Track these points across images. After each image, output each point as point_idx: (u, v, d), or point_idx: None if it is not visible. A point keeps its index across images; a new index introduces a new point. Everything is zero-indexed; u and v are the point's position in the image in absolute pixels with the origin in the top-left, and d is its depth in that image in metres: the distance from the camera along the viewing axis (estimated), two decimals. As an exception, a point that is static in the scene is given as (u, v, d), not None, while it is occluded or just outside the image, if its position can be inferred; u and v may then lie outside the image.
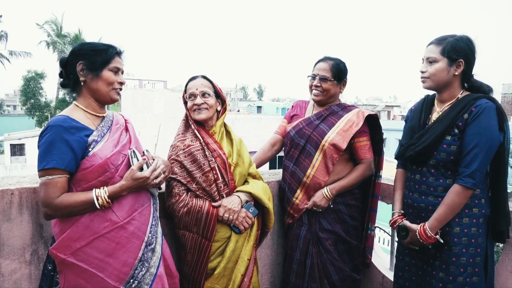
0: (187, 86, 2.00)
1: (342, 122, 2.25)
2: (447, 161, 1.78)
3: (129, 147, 1.66)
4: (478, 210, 1.76)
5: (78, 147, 1.50)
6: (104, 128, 1.64)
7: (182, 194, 1.89)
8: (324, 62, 2.30)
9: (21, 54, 25.04)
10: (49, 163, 1.46)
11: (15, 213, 1.76)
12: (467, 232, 1.75)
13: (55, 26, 26.19)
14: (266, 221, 2.14)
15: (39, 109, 26.42)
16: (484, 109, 1.70)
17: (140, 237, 1.60)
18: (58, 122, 1.50)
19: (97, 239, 1.52)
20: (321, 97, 2.31)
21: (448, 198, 1.74)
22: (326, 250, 2.24)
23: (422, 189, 1.87)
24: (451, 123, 1.77)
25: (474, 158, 1.69)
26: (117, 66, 1.64)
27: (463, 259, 1.73)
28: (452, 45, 1.76)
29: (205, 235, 1.89)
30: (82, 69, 1.60)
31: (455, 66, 1.78)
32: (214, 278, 1.93)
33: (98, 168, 1.52)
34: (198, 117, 1.96)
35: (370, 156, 2.29)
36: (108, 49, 1.63)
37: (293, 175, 2.31)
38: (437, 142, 1.79)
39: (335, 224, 2.26)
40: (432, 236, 1.76)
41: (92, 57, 1.59)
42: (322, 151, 2.21)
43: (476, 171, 1.69)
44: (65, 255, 1.51)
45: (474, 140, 1.70)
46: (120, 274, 1.54)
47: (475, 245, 1.74)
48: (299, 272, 2.28)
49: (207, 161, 1.92)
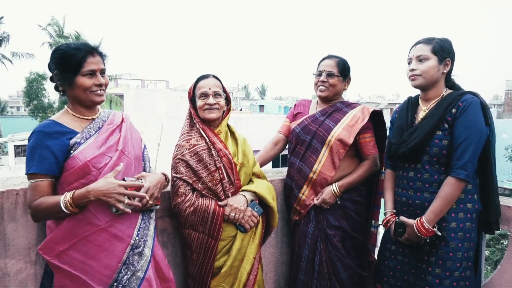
0: (198, 84, 1.99)
1: (348, 118, 2.27)
2: (440, 155, 1.83)
3: (116, 148, 1.62)
4: (471, 205, 1.83)
5: (59, 150, 1.51)
6: (91, 129, 1.62)
7: (188, 193, 1.89)
8: (330, 59, 2.34)
9: (24, 56, 25.12)
10: (30, 169, 1.49)
11: (20, 213, 1.76)
12: (462, 227, 1.80)
13: (57, 27, 26.25)
14: (270, 220, 2.14)
15: (42, 110, 26.50)
16: (470, 103, 1.78)
17: (125, 240, 1.57)
18: (40, 127, 1.53)
19: (79, 242, 1.51)
20: (327, 93, 2.32)
21: (443, 190, 1.78)
22: (334, 247, 2.25)
23: (417, 186, 1.90)
24: (441, 118, 1.83)
25: (465, 150, 1.75)
26: (91, 69, 1.56)
27: (459, 254, 1.78)
28: (440, 45, 1.86)
29: (211, 234, 1.89)
30: (58, 79, 1.59)
31: (443, 64, 1.87)
32: (220, 277, 1.93)
33: (77, 170, 1.51)
34: (209, 116, 1.95)
35: (375, 152, 2.31)
36: (76, 53, 1.54)
37: (300, 171, 2.31)
38: (428, 137, 1.84)
39: (342, 221, 2.27)
40: (430, 229, 1.78)
41: (62, 65, 1.55)
42: (328, 147, 2.22)
43: (467, 162, 1.74)
44: (50, 257, 1.52)
45: (463, 133, 1.76)
46: (102, 277, 1.53)
47: (469, 240, 1.80)
48: (308, 270, 2.27)
49: (213, 160, 1.91)
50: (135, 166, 1.71)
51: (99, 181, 1.48)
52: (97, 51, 1.62)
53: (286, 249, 2.59)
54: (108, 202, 1.46)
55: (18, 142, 21.24)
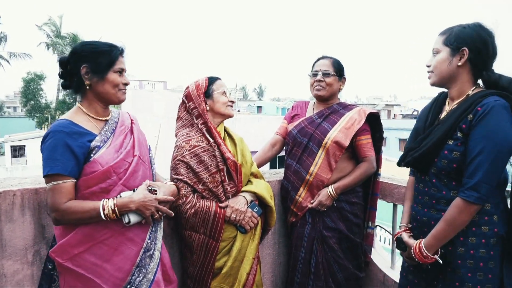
0: (218, 83, 2.01)
1: (344, 120, 2.27)
2: (449, 169, 1.52)
3: (133, 153, 1.63)
4: (488, 228, 1.48)
5: (80, 153, 1.48)
6: (107, 132, 1.61)
7: (189, 195, 1.88)
8: (325, 59, 2.36)
9: (21, 56, 25.09)
10: (52, 169, 1.43)
11: (17, 214, 1.76)
12: (473, 253, 1.48)
13: (54, 27, 26.20)
14: (268, 219, 2.15)
15: (39, 111, 26.45)
16: (492, 108, 1.41)
17: (139, 243, 1.58)
18: (60, 127, 1.48)
19: (95, 245, 1.51)
20: (324, 92, 2.33)
21: (448, 213, 1.49)
22: (331, 248, 2.25)
23: (424, 201, 1.64)
24: (453, 126, 1.51)
25: (479, 167, 1.41)
26: (121, 67, 1.61)
27: (469, 285, 1.47)
28: (456, 33, 1.53)
29: (212, 236, 1.90)
30: (86, 72, 1.55)
31: (458, 55, 1.52)
32: (221, 277, 1.94)
33: (100, 175, 1.50)
34: (230, 113, 2.01)
35: (372, 154, 2.31)
36: (112, 50, 1.58)
37: (296, 173, 2.32)
38: (437, 147, 1.54)
39: (339, 222, 2.27)
40: (428, 256, 1.53)
41: (96, 59, 1.55)
42: (324, 149, 2.23)
43: (480, 182, 1.41)
44: (63, 260, 1.50)
45: (479, 145, 1.42)
46: (116, 280, 1.52)
47: (484, 270, 1.47)
48: (305, 271, 2.29)
49: (214, 162, 1.91)
50: (148, 169, 1.73)
51: (139, 192, 1.54)
52: (124, 53, 1.66)
53: (283, 250, 2.59)
54: (143, 213, 1.54)
55: (15, 143, 21.16)
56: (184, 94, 2.02)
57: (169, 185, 1.76)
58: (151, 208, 1.55)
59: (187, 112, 2.00)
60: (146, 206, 1.53)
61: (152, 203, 1.55)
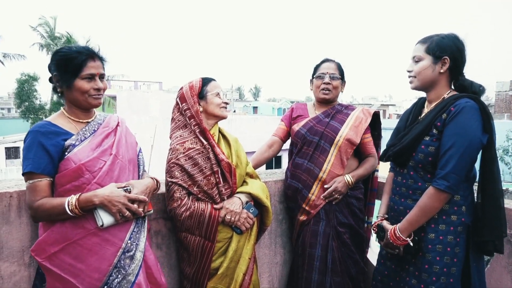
0: (212, 84, 2.01)
1: (352, 119, 2.36)
2: (425, 162, 1.72)
3: (110, 152, 1.62)
4: (457, 217, 1.68)
5: (54, 151, 1.52)
6: (87, 132, 1.63)
7: (184, 198, 1.88)
8: (330, 63, 2.43)
9: (15, 57, 24.85)
10: (26, 167, 1.49)
11: (14, 215, 1.76)
12: (442, 239, 1.67)
13: (48, 28, 26.02)
14: (264, 219, 2.16)
15: (33, 112, 26.24)
16: (462, 108, 1.62)
17: (116, 243, 1.57)
18: (37, 127, 1.54)
19: (69, 245, 1.51)
20: (331, 95, 2.39)
21: (421, 200, 1.69)
22: (344, 243, 2.30)
23: (402, 192, 1.83)
24: (430, 123, 1.71)
25: (449, 159, 1.61)
26: (91, 73, 1.58)
27: (436, 268, 1.66)
28: (437, 43, 1.72)
29: (208, 237, 1.90)
30: (57, 80, 1.60)
31: (440, 63, 1.72)
32: (217, 278, 1.94)
33: (71, 172, 1.52)
34: (224, 114, 2.03)
35: (375, 151, 2.43)
36: (77, 56, 1.55)
37: (308, 171, 2.34)
38: (415, 142, 1.74)
39: (350, 218, 2.33)
40: (401, 238, 1.71)
41: (63, 67, 1.56)
42: (337, 146, 2.29)
43: (450, 173, 1.60)
44: (41, 259, 1.52)
45: (450, 141, 1.62)
46: (92, 281, 1.52)
47: (450, 254, 1.66)
48: (322, 268, 2.29)
49: (208, 164, 1.91)
50: (129, 170, 1.71)
51: (107, 188, 1.53)
52: (98, 56, 1.63)
53: (280, 250, 2.61)
54: (110, 209, 1.50)
55: (9, 144, 21.02)
56: (178, 95, 2.02)
57: (144, 180, 1.72)
58: (118, 205, 1.50)
59: (180, 114, 1.99)
60: (111, 201, 1.49)
61: (119, 200, 1.51)
